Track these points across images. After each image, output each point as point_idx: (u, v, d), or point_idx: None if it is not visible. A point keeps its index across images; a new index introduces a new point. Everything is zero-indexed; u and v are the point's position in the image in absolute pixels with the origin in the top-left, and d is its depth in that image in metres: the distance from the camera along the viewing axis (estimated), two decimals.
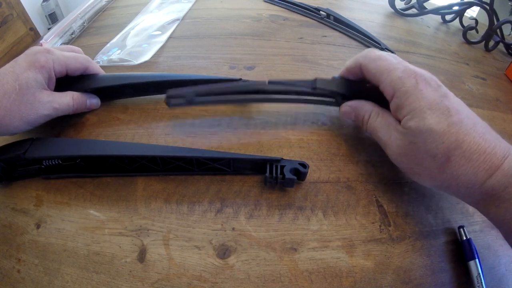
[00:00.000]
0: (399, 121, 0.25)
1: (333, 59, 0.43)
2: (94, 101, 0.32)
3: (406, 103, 0.24)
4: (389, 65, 0.26)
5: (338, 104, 0.30)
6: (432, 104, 0.23)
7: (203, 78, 0.34)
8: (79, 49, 0.33)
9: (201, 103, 0.29)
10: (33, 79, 0.26)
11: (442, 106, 0.23)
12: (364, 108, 0.28)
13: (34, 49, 0.28)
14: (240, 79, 0.33)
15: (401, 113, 0.24)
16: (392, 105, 0.25)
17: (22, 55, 0.28)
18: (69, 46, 0.34)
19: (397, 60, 0.26)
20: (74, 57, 0.30)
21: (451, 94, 0.24)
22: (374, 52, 0.27)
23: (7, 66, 0.27)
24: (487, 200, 0.22)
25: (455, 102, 0.24)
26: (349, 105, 0.29)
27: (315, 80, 0.29)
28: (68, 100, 0.29)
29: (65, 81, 0.31)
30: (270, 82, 0.29)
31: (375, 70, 0.26)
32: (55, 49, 0.30)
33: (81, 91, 0.31)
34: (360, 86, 0.29)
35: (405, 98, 0.24)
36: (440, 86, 0.24)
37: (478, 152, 0.21)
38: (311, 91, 0.29)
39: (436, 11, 0.57)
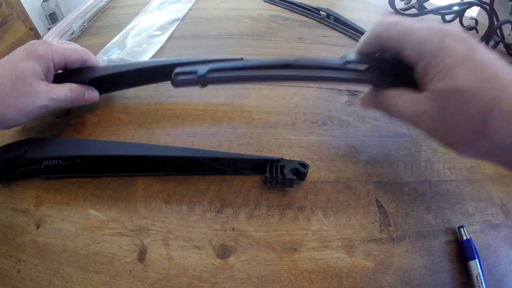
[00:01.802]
0: (425, 89, 0.22)
1: None
2: (92, 93, 0.31)
3: (432, 63, 0.21)
4: (411, 26, 0.23)
5: (371, 80, 0.26)
6: (462, 60, 0.20)
7: (203, 60, 0.33)
8: (77, 44, 0.33)
9: (215, 81, 0.24)
10: (30, 68, 0.26)
11: (474, 60, 0.20)
12: (385, 94, 0.25)
13: (33, 41, 0.28)
14: (242, 59, 0.32)
15: (428, 76, 0.22)
16: (418, 70, 0.23)
17: (20, 47, 0.27)
18: (67, 41, 0.33)
19: (418, 21, 0.24)
20: (73, 49, 0.30)
21: (482, 47, 0.21)
22: (391, 17, 0.24)
23: (5, 58, 0.26)
24: None
25: (488, 55, 0.21)
26: (367, 96, 0.27)
27: (345, 55, 0.25)
28: (65, 90, 0.28)
29: (63, 76, 0.30)
30: (297, 60, 0.25)
31: (397, 37, 0.23)
32: (53, 41, 0.30)
33: (79, 83, 0.30)
34: (388, 61, 0.25)
35: (431, 57, 0.21)
36: (468, 39, 0.22)
37: None
38: (343, 67, 0.25)
39: (436, 11, 0.57)
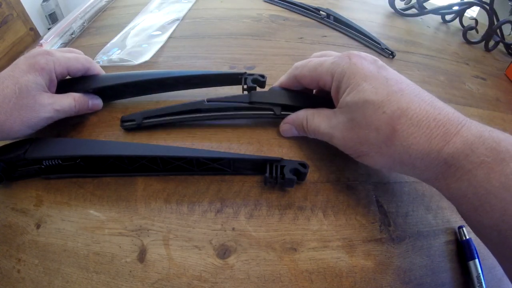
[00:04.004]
0: (337, 105, 0.25)
1: None
2: (96, 102, 0.32)
3: (342, 81, 0.23)
4: (320, 60, 0.26)
5: (277, 115, 0.30)
6: (368, 76, 0.22)
7: (205, 73, 0.34)
8: (79, 51, 0.33)
9: (149, 125, 0.31)
10: (33, 81, 0.26)
11: (379, 76, 0.22)
12: (300, 116, 0.28)
13: (34, 51, 0.28)
14: (245, 73, 0.33)
15: (340, 93, 0.24)
16: (332, 91, 0.25)
17: (22, 58, 0.27)
18: (69, 48, 0.33)
19: (327, 56, 0.27)
20: (75, 58, 0.30)
21: (388, 67, 0.24)
22: (301, 61, 0.28)
23: (7, 70, 0.26)
24: (447, 173, 0.20)
25: (394, 74, 0.23)
26: (285, 122, 0.29)
27: (250, 94, 0.30)
28: (69, 101, 0.29)
29: (67, 83, 0.31)
30: (208, 100, 0.30)
31: (309, 72, 0.26)
32: (55, 50, 0.30)
33: (83, 92, 0.31)
34: (297, 93, 0.30)
35: (341, 77, 0.24)
36: (376, 60, 0.24)
37: (428, 118, 0.20)
38: (249, 106, 0.29)
39: (436, 11, 0.57)
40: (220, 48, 0.44)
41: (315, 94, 0.31)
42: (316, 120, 0.26)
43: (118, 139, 0.30)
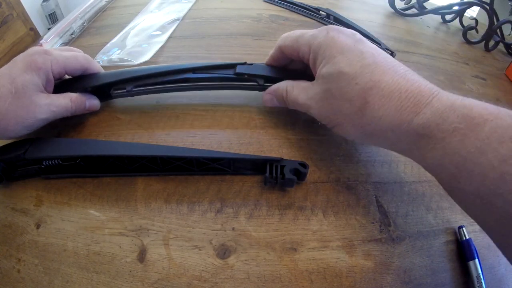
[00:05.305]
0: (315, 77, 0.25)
1: None
2: (93, 102, 0.31)
3: (319, 53, 0.24)
4: (302, 31, 0.27)
5: (260, 87, 0.31)
6: (344, 49, 0.23)
7: (203, 65, 0.33)
8: (79, 50, 0.33)
9: (138, 93, 0.32)
10: (30, 81, 0.26)
11: (355, 49, 0.23)
12: (281, 87, 0.29)
13: (32, 50, 0.28)
14: (245, 63, 0.33)
15: (316, 65, 0.25)
16: (310, 63, 0.26)
17: (19, 56, 0.27)
18: (68, 47, 0.33)
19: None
20: (73, 57, 0.29)
21: (366, 41, 0.24)
22: (288, 32, 0.29)
23: (4, 68, 0.26)
24: (420, 143, 0.20)
25: (371, 47, 0.23)
26: (267, 93, 0.30)
27: (236, 67, 0.31)
28: (66, 102, 0.28)
29: (65, 84, 0.30)
30: (195, 71, 0.31)
31: (291, 42, 0.28)
32: (54, 50, 0.29)
33: (81, 91, 0.30)
34: (280, 67, 0.31)
35: (318, 49, 0.24)
36: (355, 34, 0.25)
37: (399, 90, 0.20)
38: (234, 77, 0.31)
39: (436, 11, 0.57)
40: (220, 48, 0.44)
41: (297, 68, 0.31)
42: (295, 91, 0.27)
43: (118, 139, 0.30)
